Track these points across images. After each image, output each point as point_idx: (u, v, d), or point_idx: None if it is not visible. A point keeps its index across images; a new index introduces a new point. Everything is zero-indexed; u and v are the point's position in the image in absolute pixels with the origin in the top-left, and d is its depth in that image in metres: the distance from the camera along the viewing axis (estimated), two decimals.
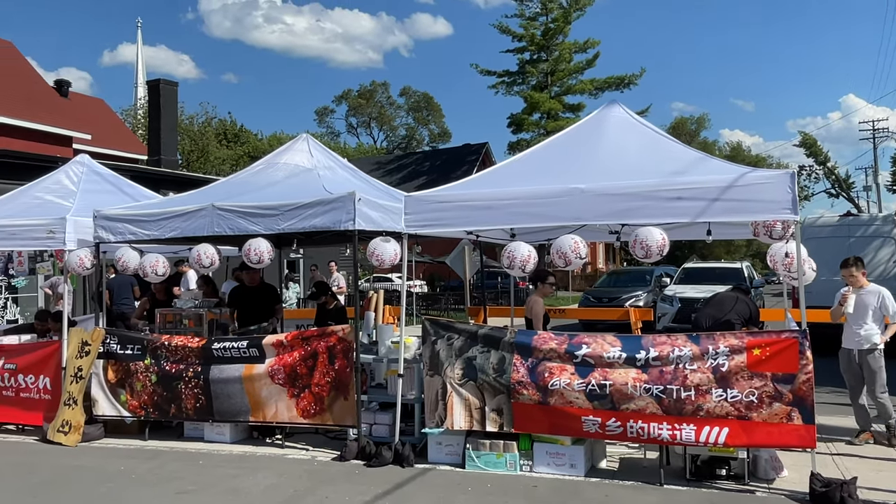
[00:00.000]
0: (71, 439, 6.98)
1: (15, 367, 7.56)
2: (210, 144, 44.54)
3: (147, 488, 5.61)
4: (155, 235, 7.32)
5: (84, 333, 7.38)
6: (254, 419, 6.78)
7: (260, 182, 7.60)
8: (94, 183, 8.81)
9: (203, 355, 6.94)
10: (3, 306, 14.66)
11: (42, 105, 23.90)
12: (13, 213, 8.10)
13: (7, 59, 25.16)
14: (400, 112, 70.26)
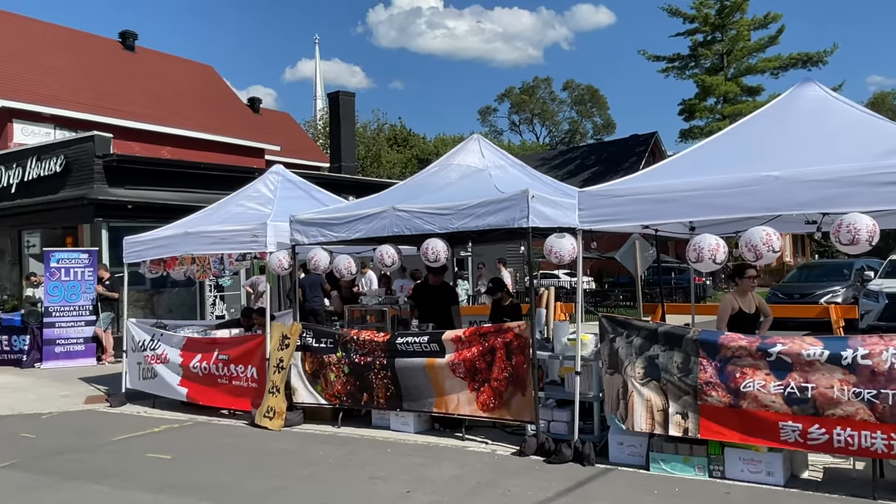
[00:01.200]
0: (275, 424, 7.71)
1: (228, 358, 8.47)
2: (382, 149, 46.87)
3: (344, 473, 6.04)
4: (343, 237, 7.85)
5: (284, 328, 8.10)
6: (437, 410, 7.05)
7: (435, 183, 7.90)
8: (287, 190, 9.64)
9: (388, 349, 7.33)
10: (213, 303, 16.48)
11: (238, 121, 26.55)
12: (222, 220, 9.09)
13: (209, 82, 28.24)
14: (563, 106, 69.47)
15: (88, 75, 22.58)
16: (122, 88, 23.14)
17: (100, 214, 14.37)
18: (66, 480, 6.04)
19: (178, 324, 10.54)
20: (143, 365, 9.48)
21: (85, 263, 13.50)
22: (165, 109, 23.81)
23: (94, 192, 14.29)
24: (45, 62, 21.71)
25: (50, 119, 19.99)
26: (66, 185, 14.99)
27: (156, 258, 9.83)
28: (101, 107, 21.33)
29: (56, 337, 13.20)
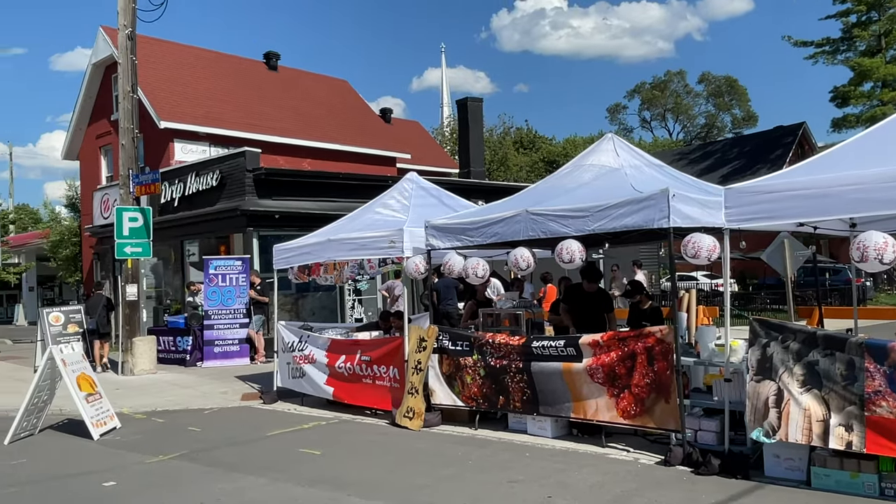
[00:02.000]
0: (415, 424, 7.93)
1: (370, 359, 8.82)
2: (509, 153, 46.92)
3: (482, 474, 6.11)
4: (477, 241, 7.95)
5: (421, 330, 8.32)
6: (574, 415, 6.96)
7: (568, 185, 7.80)
8: (421, 197, 9.89)
9: (524, 352, 7.33)
10: (352, 307, 17.23)
11: (372, 132, 27.60)
12: (361, 227, 9.49)
13: (345, 95, 29.59)
14: (698, 100, 66.23)
15: (237, 95, 24.38)
16: (267, 106, 24.77)
17: (251, 224, 15.47)
18: (230, 471, 6.54)
19: (322, 326, 11.13)
20: (293, 365, 10.09)
21: (239, 270, 14.59)
22: (305, 124, 25.22)
23: (245, 203, 15.41)
24: (200, 85, 23.70)
25: (205, 137, 21.77)
26: (221, 197, 16.27)
27: (302, 264, 10.42)
28: (249, 124, 22.95)
29: (215, 338, 14.35)
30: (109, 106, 23.13)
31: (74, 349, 8.87)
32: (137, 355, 13.07)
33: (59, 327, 13.89)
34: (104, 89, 23.73)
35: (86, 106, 24.52)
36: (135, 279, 13.49)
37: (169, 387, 11.81)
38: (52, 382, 8.55)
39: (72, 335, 13.84)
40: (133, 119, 13.41)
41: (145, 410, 9.84)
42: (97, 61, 23.19)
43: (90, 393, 8.51)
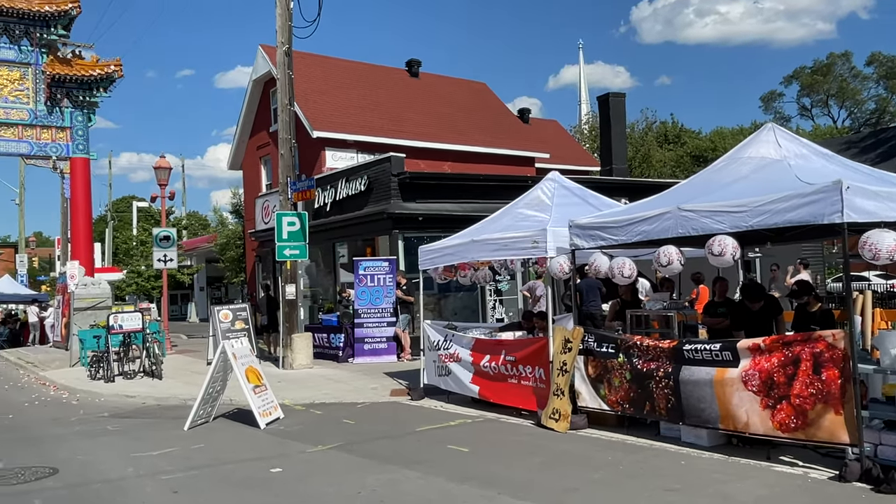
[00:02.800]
0: (561, 426, 7.85)
1: (514, 359, 8.85)
2: (651, 148, 45.17)
3: (636, 481, 5.93)
4: (622, 240, 7.72)
5: (566, 331, 8.22)
6: (723, 427, 6.57)
7: (723, 179, 7.38)
8: (564, 196, 9.77)
9: (674, 356, 7.02)
10: (493, 307, 17.36)
11: (510, 133, 27.67)
12: (504, 228, 9.54)
13: (483, 98, 29.91)
14: (867, 83, 60.18)
15: (382, 103, 25.39)
16: (410, 112, 25.59)
17: (396, 227, 16.05)
18: (383, 464, 6.82)
19: (466, 326, 11.31)
20: (438, 363, 10.34)
21: (386, 270, 15.17)
22: (445, 127, 25.77)
23: (391, 206, 16.00)
24: (348, 95, 24.93)
25: (353, 145, 22.87)
26: (368, 201, 17.01)
27: (447, 264, 10.65)
28: (393, 130, 23.83)
29: (365, 336, 15.03)
30: (268, 119, 24.92)
31: (243, 344, 9.64)
32: (296, 351, 13.97)
33: (228, 324, 15.16)
34: (263, 104, 25.60)
35: (247, 120, 26.58)
36: (293, 279, 14.43)
37: (324, 381, 12.51)
38: (225, 374, 9.34)
39: (239, 331, 15.06)
40: (290, 130, 14.36)
41: (304, 402, 10.49)
42: (257, 78, 25.07)
43: (257, 385, 9.20)
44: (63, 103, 21.40)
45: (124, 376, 13.63)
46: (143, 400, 11.57)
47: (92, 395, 12.36)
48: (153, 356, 13.95)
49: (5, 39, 20.66)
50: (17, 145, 20.96)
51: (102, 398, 12.08)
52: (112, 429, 9.32)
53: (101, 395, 12.30)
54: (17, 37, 20.83)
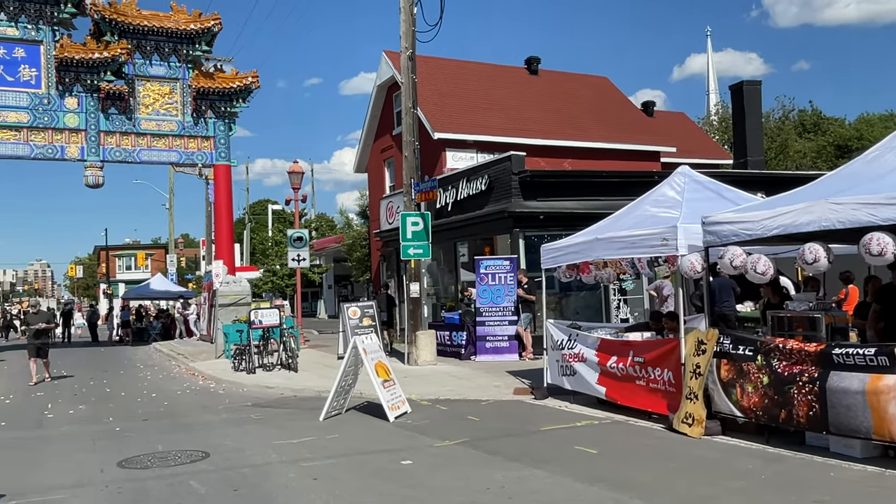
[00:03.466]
0: (695, 431, 7.54)
1: (643, 361, 8.60)
2: (789, 139, 42.27)
3: (778, 491, 5.59)
4: (758, 235, 7.29)
5: (699, 333, 7.88)
6: (877, 437, 6.04)
7: (878, 170, 6.81)
8: (695, 192, 9.37)
9: (821, 360, 6.56)
10: (617, 306, 16.95)
11: (633, 127, 26.88)
12: (630, 225, 9.29)
13: (605, 92, 29.25)
14: None
15: (501, 102, 25.46)
16: (529, 110, 25.48)
17: (517, 225, 16.06)
18: (508, 461, 6.86)
19: (590, 325, 11.13)
20: (562, 363, 10.23)
21: (507, 269, 15.21)
22: (565, 124, 25.44)
23: (512, 205, 16.03)
24: (467, 96, 25.22)
25: (473, 145, 23.10)
26: (489, 201, 17.12)
27: (570, 263, 10.53)
28: (512, 129, 23.84)
29: (486, 334, 15.15)
30: (391, 123, 25.69)
31: (372, 340, 10.01)
32: (420, 347, 14.32)
33: (357, 320, 15.78)
34: (387, 108, 26.42)
35: (371, 124, 27.53)
36: (417, 278, 14.80)
37: (448, 378, 12.74)
38: (356, 369, 9.74)
39: (366, 327, 15.63)
40: (414, 132, 14.74)
41: (430, 398, 10.74)
42: (380, 83, 25.91)
43: (386, 379, 9.52)
44: (207, 114, 23.14)
45: (264, 368, 14.54)
46: (281, 391, 12.29)
47: (236, 386, 13.29)
48: (289, 350, 14.79)
49: (156, 57, 22.62)
50: (168, 154, 22.91)
51: (245, 388, 12.95)
52: (255, 417, 9.98)
53: (244, 385, 13.19)
54: (167, 54, 22.74)
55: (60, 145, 21.27)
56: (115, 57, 21.29)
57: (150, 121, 22.44)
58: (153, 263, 68.62)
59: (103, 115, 21.69)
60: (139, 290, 35.27)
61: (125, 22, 21.68)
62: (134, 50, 21.99)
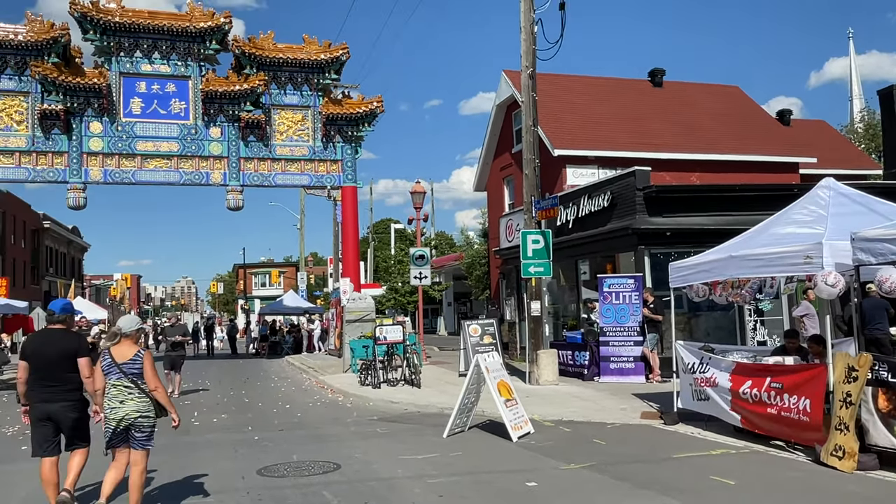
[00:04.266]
0: (846, 465, 6.93)
1: (781, 387, 8.02)
2: None
3: None
4: None
5: (849, 358, 7.27)
6: None
7: None
8: (842, 205, 8.69)
9: None
10: (753, 328, 15.96)
11: (767, 138, 25.37)
12: (768, 242, 8.73)
13: (735, 102, 27.85)
14: None
15: (623, 116, 24.88)
16: (653, 123, 24.72)
17: (641, 242, 15.56)
18: (638, 488, 6.61)
19: (724, 348, 10.54)
20: (694, 387, 9.75)
21: (631, 288, 14.76)
22: (692, 136, 24.44)
23: (636, 222, 15.56)
24: (587, 111, 24.86)
25: (594, 161, 22.69)
26: (612, 218, 16.73)
27: (701, 282, 10.06)
28: (635, 143, 23.21)
29: (610, 354, 14.74)
30: (510, 141, 25.79)
31: (494, 358, 10.02)
32: (542, 367, 14.16)
33: (477, 338, 15.87)
34: (506, 127, 26.56)
35: (491, 143, 27.76)
36: (538, 296, 14.68)
37: (570, 398, 12.50)
38: (478, 387, 9.79)
39: (487, 345, 15.69)
40: (534, 150, 14.72)
41: (553, 419, 10.57)
42: (500, 102, 26.11)
43: (508, 398, 9.49)
44: (335, 139, 24.31)
45: (388, 383, 14.92)
46: (405, 406, 12.55)
47: (362, 400, 13.73)
48: (413, 366, 15.10)
49: (290, 87, 24.09)
50: (300, 178, 24.27)
51: (371, 402, 13.35)
52: (381, 431, 10.25)
53: (370, 399, 13.61)
54: (300, 83, 24.16)
55: (206, 171, 23.09)
56: (254, 88, 22.88)
57: (284, 146, 23.89)
58: (285, 280, 72.60)
59: (243, 143, 23.33)
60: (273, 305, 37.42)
61: (263, 55, 23.28)
62: (270, 81, 23.55)
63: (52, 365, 6.03)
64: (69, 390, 6.07)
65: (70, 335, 6.31)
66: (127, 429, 5.81)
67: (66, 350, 6.07)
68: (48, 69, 21.11)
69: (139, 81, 22.63)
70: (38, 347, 6.15)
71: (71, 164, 21.83)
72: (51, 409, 6.02)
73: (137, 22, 22.09)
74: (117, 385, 5.83)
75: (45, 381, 6.02)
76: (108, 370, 5.88)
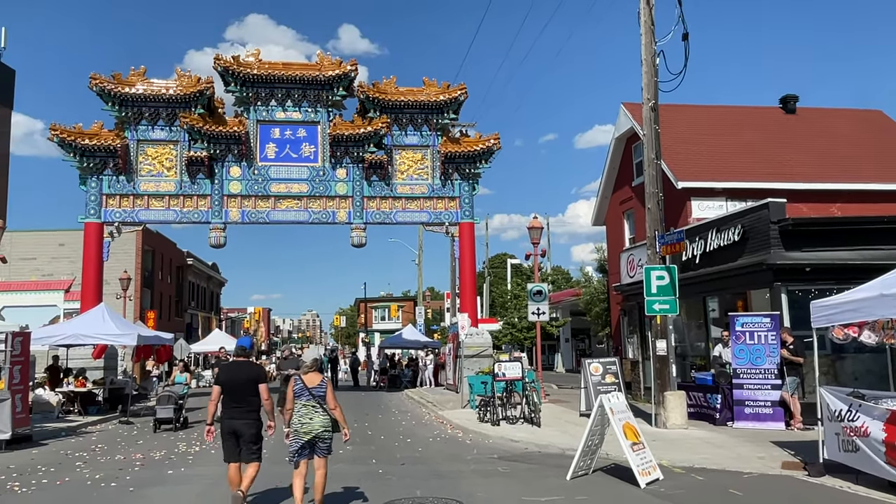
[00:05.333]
0: None
1: None
2: None
3: None
4: None
5: None
6: None
7: None
8: None
9: None
10: None
11: None
12: None
13: (879, 126, 25.83)
14: None
15: (752, 145, 23.72)
16: (786, 152, 23.39)
17: (778, 279, 14.62)
18: None
19: (876, 394, 9.63)
20: (842, 436, 8.96)
21: (767, 327, 13.85)
22: (829, 165, 22.88)
23: (771, 257, 14.67)
24: (713, 141, 23.91)
25: (721, 193, 21.71)
26: (743, 252, 15.86)
27: (847, 322, 9.30)
28: (766, 173, 22.02)
29: (745, 398, 13.84)
30: (630, 174, 25.25)
31: (619, 399, 9.69)
32: (669, 409, 13.52)
33: (598, 377, 15.44)
34: (625, 159, 26.07)
35: (610, 176, 27.31)
36: (663, 335, 14.11)
37: (701, 444, 11.83)
38: (602, 428, 9.48)
39: (609, 385, 15.21)
40: (657, 184, 14.32)
41: (683, 465, 10.03)
42: (619, 135, 25.71)
43: (634, 442, 9.12)
44: (453, 176, 24.82)
45: (507, 421, 14.79)
46: (525, 445, 12.37)
47: (481, 437, 13.67)
48: (532, 404, 14.89)
49: (411, 128, 24.95)
50: (420, 215, 24.91)
51: (490, 440, 13.26)
52: (502, 470, 10.14)
53: (489, 436, 13.52)
54: (419, 124, 24.97)
55: (332, 210, 24.24)
56: (377, 130, 23.89)
57: (405, 185, 24.67)
58: (403, 314, 74.23)
59: (366, 183, 24.33)
60: (393, 339, 38.28)
61: (385, 99, 24.31)
62: (392, 123, 24.52)
63: (240, 389, 7.57)
64: (250, 410, 7.56)
65: (254, 366, 7.99)
66: (312, 441, 7.22)
67: (251, 377, 7.66)
68: (195, 119, 23.11)
69: (274, 128, 24.26)
70: (231, 375, 7.73)
71: (213, 205, 23.63)
72: (235, 425, 7.52)
73: (273, 73, 23.78)
74: (307, 405, 7.26)
75: (233, 401, 7.57)
76: (299, 393, 7.30)
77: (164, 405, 15.74)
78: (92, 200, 23.05)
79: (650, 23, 14.36)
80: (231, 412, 7.57)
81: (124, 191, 23.27)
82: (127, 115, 23.39)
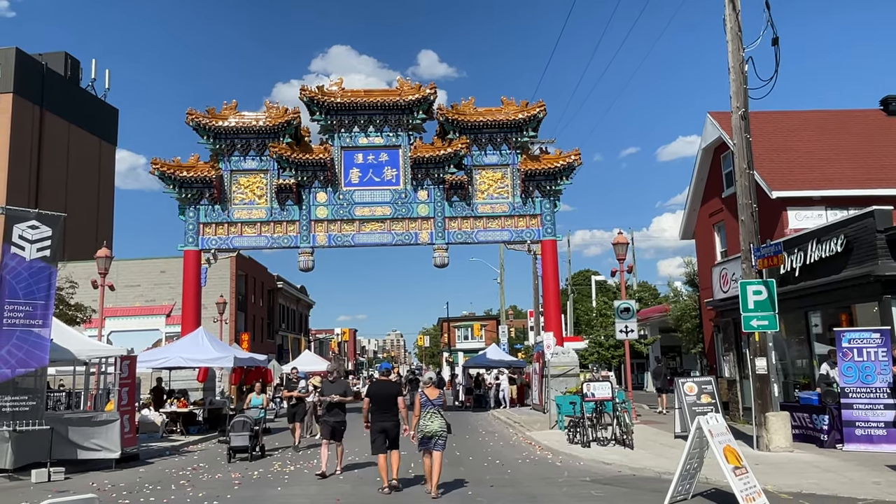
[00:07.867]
0: None
1: None
2: None
3: None
4: None
5: None
6: None
7: None
8: None
9: None
10: None
11: None
12: None
13: None
14: None
15: (852, 150, 22.41)
16: (890, 156, 21.96)
17: (887, 291, 13.68)
18: None
19: None
20: None
21: (877, 343, 12.97)
22: None
23: (879, 268, 13.74)
24: (809, 148, 22.74)
25: (819, 201, 20.57)
26: (847, 264, 14.94)
27: None
28: (869, 179, 20.71)
29: (855, 419, 12.96)
30: (719, 185, 24.34)
31: (718, 421, 9.26)
32: (772, 431, 12.82)
33: (693, 397, 14.84)
34: (714, 170, 25.16)
35: (697, 188, 26.41)
36: (763, 352, 13.44)
37: (809, 468, 11.14)
38: (700, 451, 9.09)
39: (705, 405, 14.60)
40: (751, 195, 13.75)
41: (790, 490, 9.48)
42: (706, 146, 24.87)
43: (736, 466, 8.68)
44: (533, 194, 24.69)
45: (598, 442, 14.41)
46: (618, 468, 12.00)
47: (572, 459, 13.37)
48: (624, 425, 14.46)
49: (490, 147, 25.06)
50: (501, 234, 24.89)
51: (581, 462, 12.95)
52: (596, 494, 9.87)
53: (580, 458, 13.21)
54: (498, 143, 25.04)
55: (414, 232, 24.58)
56: (457, 151, 24.12)
57: (486, 204, 24.74)
58: (486, 333, 74.07)
59: (447, 203, 24.55)
60: (477, 359, 38.18)
61: (464, 120, 24.54)
62: (472, 143, 24.70)
63: (385, 401, 10.39)
64: (392, 415, 10.35)
65: (394, 384, 10.97)
66: (431, 437, 9.76)
67: (392, 392, 10.53)
68: (283, 148, 24.05)
69: (357, 153, 24.91)
70: (378, 390, 10.53)
71: (301, 230, 24.43)
72: (385, 426, 10.30)
73: (355, 101, 24.47)
74: (430, 412, 9.84)
75: (381, 410, 10.36)
76: (424, 404, 9.86)
77: (238, 432, 14.20)
78: (190, 229, 24.30)
79: (737, 29, 13.90)
80: (379, 415, 10.25)
81: (219, 219, 24.42)
82: (221, 147, 24.61)
